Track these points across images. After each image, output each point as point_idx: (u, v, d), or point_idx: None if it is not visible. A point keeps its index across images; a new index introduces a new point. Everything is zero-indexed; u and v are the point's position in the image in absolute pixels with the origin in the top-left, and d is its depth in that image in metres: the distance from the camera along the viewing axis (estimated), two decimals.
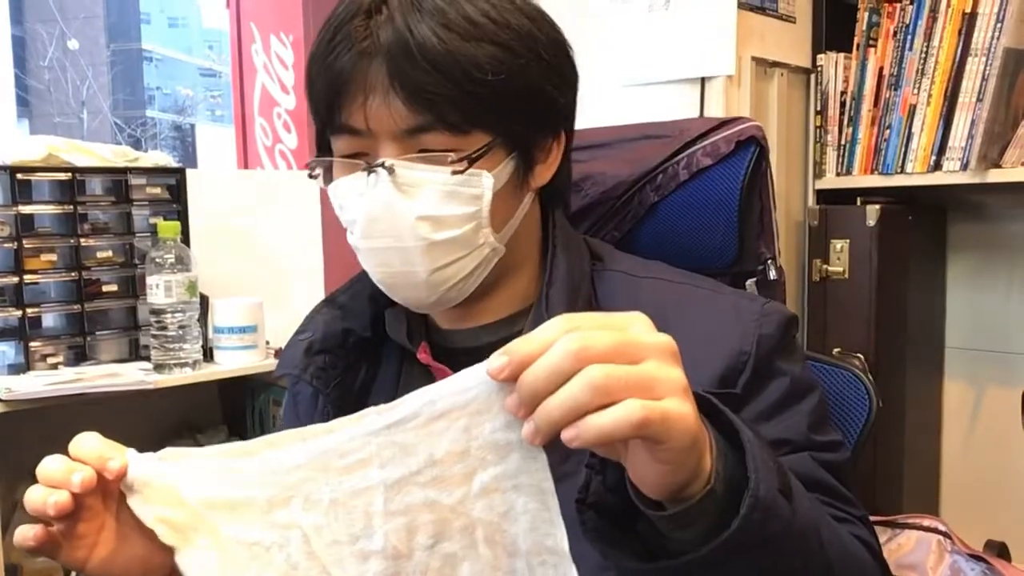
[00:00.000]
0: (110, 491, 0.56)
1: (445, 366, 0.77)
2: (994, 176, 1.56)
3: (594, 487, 0.54)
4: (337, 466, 0.52)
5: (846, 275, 1.70)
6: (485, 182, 0.70)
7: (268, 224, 1.90)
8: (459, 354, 0.77)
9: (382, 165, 0.68)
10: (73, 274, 1.50)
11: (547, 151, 0.76)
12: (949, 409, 1.92)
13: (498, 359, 0.46)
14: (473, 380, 0.48)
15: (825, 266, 1.73)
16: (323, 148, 0.76)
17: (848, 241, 1.71)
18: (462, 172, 0.69)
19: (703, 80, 1.67)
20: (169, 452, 0.55)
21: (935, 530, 1.28)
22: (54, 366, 1.49)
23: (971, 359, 1.88)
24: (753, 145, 0.94)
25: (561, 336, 0.45)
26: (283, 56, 2.56)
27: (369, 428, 0.51)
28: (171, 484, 0.55)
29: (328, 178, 0.75)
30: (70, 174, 1.49)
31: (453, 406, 0.49)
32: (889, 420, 1.75)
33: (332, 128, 0.72)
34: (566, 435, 0.44)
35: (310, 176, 0.76)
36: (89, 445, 0.54)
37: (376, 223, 0.70)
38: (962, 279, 1.89)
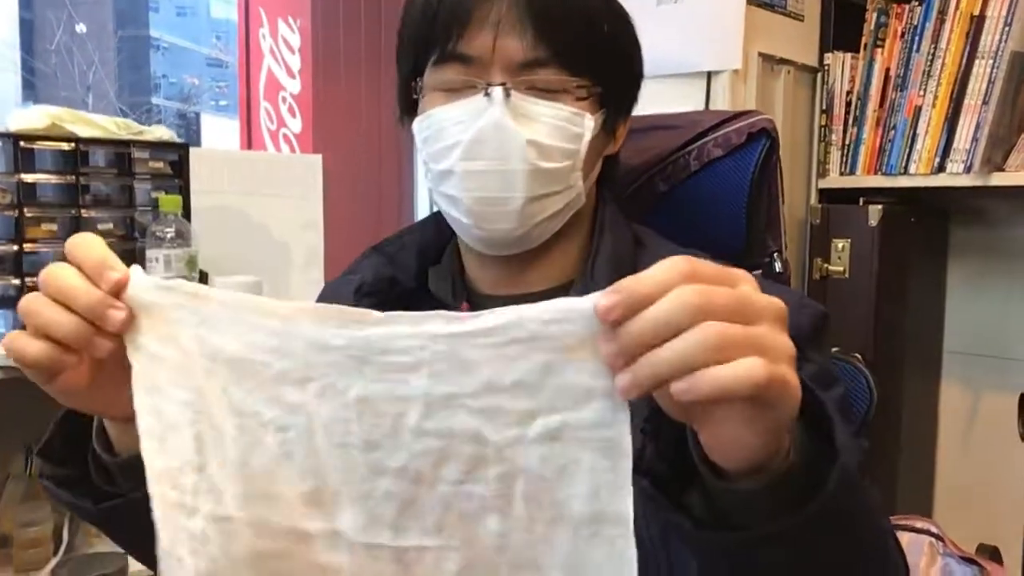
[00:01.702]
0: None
1: None
2: (997, 180, 1.56)
3: (648, 454, 0.52)
4: (378, 361, 0.44)
5: (847, 274, 1.70)
6: (587, 123, 0.73)
7: (270, 206, 1.90)
8: None
9: (503, 85, 0.70)
10: None
11: (623, 121, 0.81)
12: (945, 412, 1.92)
13: (609, 295, 0.42)
14: (570, 312, 0.42)
15: (826, 265, 1.73)
16: (409, 86, 0.77)
17: (849, 241, 1.70)
18: (581, 101, 0.73)
19: (709, 74, 1.67)
20: (182, 284, 0.48)
21: (928, 532, 1.28)
22: None
23: (968, 363, 1.88)
24: (764, 138, 0.94)
25: (681, 282, 0.42)
26: (290, 40, 2.56)
27: (431, 331, 0.43)
28: (172, 318, 0.48)
29: (408, 116, 0.78)
30: (73, 144, 1.48)
31: (538, 334, 0.42)
32: (885, 421, 1.75)
33: (442, 56, 0.73)
34: (677, 387, 0.41)
35: (401, 103, 0.78)
36: (91, 249, 0.50)
37: (484, 144, 0.71)
38: (962, 283, 1.89)
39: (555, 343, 0.42)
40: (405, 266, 0.83)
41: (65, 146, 1.48)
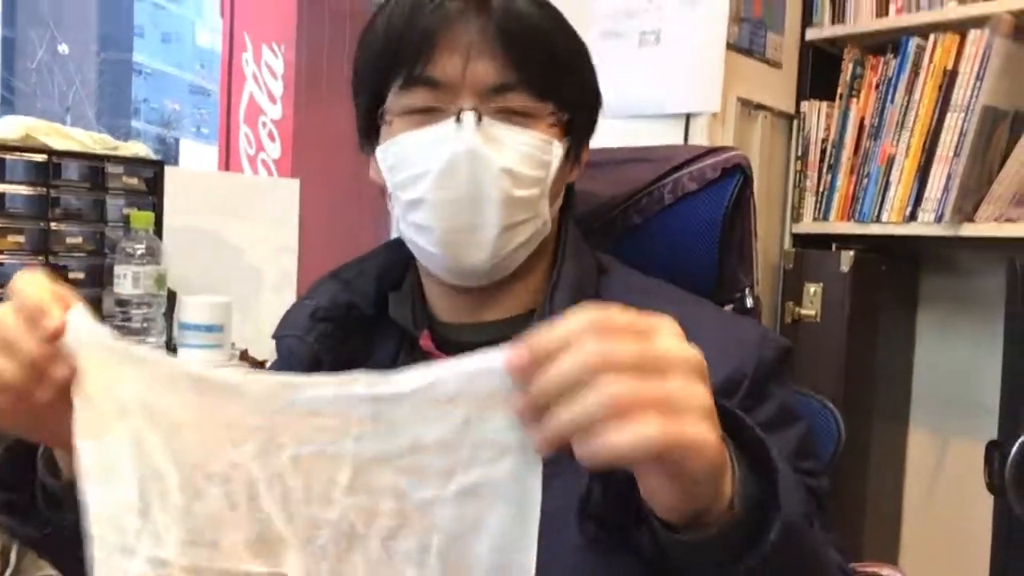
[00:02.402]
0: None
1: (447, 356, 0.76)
2: (967, 230, 1.59)
3: (595, 496, 0.51)
4: (309, 424, 0.46)
5: (818, 319, 1.72)
6: (555, 151, 0.73)
7: (245, 228, 1.88)
8: (459, 348, 0.76)
9: (475, 110, 0.69)
10: (40, 258, 1.47)
11: (584, 150, 0.80)
12: (913, 459, 1.93)
13: (516, 351, 0.42)
14: (483, 368, 0.43)
15: (798, 309, 1.74)
16: (371, 112, 0.75)
17: (821, 285, 1.72)
18: (550, 125, 0.72)
19: (688, 116, 1.69)
20: (117, 340, 0.50)
21: None
22: None
23: (937, 410, 1.89)
24: (738, 173, 0.94)
25: (586, 336, 0.41)
26: (273, 66, 2.56)
27: (356, 394, 0.45)
28: (110, 369, 0.49)
29: (370, 144, 0.76)
30: (46, 156, 1.47)
31: (456, 393, 0.44)
32: (852, 466, 1.75)
33: (408, 80, 0.71)
34: (579, 452, 0.41)
35: (363, 131, 0.77)
36: (30, 292, 0.50)
37: (456, 171, 0.69)
38: (931, 331, 1.91)
39: (473, 399, 0.44)
40: (363, 292, 0.81)
41: (38, 158, 1.47)
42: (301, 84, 2.49)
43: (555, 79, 0.73)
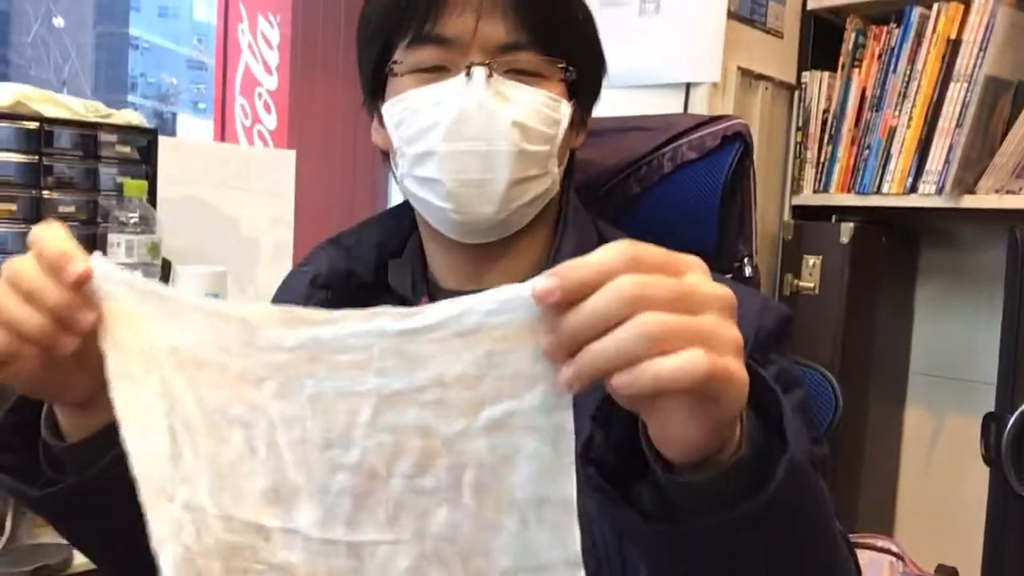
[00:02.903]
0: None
1: None
2: (968, 202, 1.58)
3: (597, 442, 0.51)
4: (329, 360, 0.45)
5: (817, 291, 1.71)
6: (563, 109, 0.73)
7: (240, 199, 1.87)
8: None
9: (486, 64, 0.69)
10: (32, 226, 1.46)
11: (588, 115, 0.81)
12: (909, 432, 1.93)
13: (546, 280, 0.41)
14: (510, 300, 0.42)
15: (797, 281, 1.73)
16: (378, 69, 0.75)
17: (821, 257, 1.71)
18: (559, 82, 0.73)
19: (688, 86, 1.67)
20: (140, 280, 0.48)
21: (888, 551, 1.28)
22: None
23: (933, 384, 1.89)
24: (738, 141, 0.94)
25: (620, 270, 0.41)
26: (269, 36, 2.54)
27: (378, 329, 0.44)
28: (135, 311, 0.48)
29: (374, 101, 0.76)
30: (38, 124, 1.45)
31: (481, 325, 0.42)
32: (849, 439, 1.75)
33: (417, 37, 0.71)
34: (618, 381, 0.40)
35: (368, 88, 0.77)
36: (51, 241, 0.49)
37: (467, 124, 0.70)
38: (929, 305, 1.90)
39: (497, 332, 0.43)
40: (363, 259, 0.81)
41: (30, 125, 1.45)
42: (297, 55, 2.47)
43: (564, 39, 0.73)
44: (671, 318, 0.40)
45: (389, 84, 0.75)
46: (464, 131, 0.70)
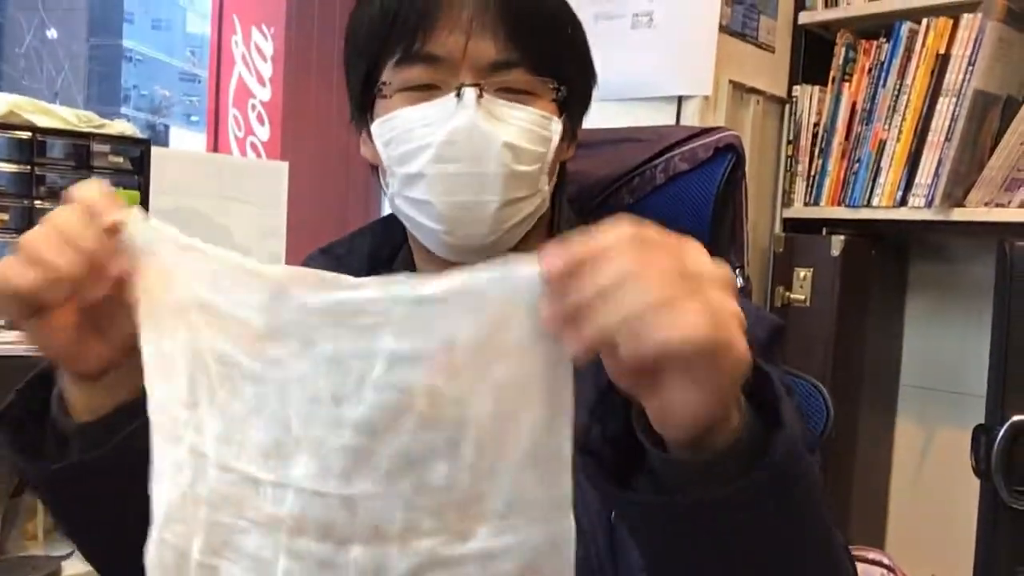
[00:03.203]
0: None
1: None
2: (957, 215, 1.59)
3: (594, 434, 0.52)
4: (349, 323, 0.47)
5: (807, 303, 1.72)
6: (554, 127, 0.73)
7: (232, 210, 1.86)
8: None
9: (477, 85, 0.69)
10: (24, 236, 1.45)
11: (578, 127, 0.80)
12: (900, 444, 1.93)
13: (553, 256, 0.43)
14: (515, 271, 0.45)
15: (788, 293, 1.74)
16: (367, 87, 0.74)
17: (811, 270, 1.72)
18: (550, 101, 0.72)
19: (680, 99, 1.68)
20: (177, 235, 0.51)
21: (879, 563, 1.28)
22: None
23: (924, 397, 1.89)
24: (730, 153, 0.94)
25: (624, 246, 0.42)
26: (263, 48, 2.54)
27: (396, 295, 0.46)
28: (167, 265, 0.50)
29: (363, 119, 0.76)
30: (30, 133, 1.45)
31: (488, 292, 0.45)
32: (840, 451, 1.75)
33: (406, 56, 0.71)
34: (624, 349, 0.41)
35: (356, 106, 0.76)
36: (91, 190, 0.52)
37: (457, 146, 0.69)
38: (919, 317, 1.91)
39: (502, 299, 0.45)
40: (354, 269, 0.81)
41: (22, 135, 1.45)
42: (291, 66, 2.47)
43: (555, 56, 0.73)
44: (674, 288, 0.41)
45: (378, 102, 0.74)
46: (454, 153, 0.69)
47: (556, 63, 0.73)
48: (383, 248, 0.83)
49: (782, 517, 0.48)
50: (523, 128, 0.70)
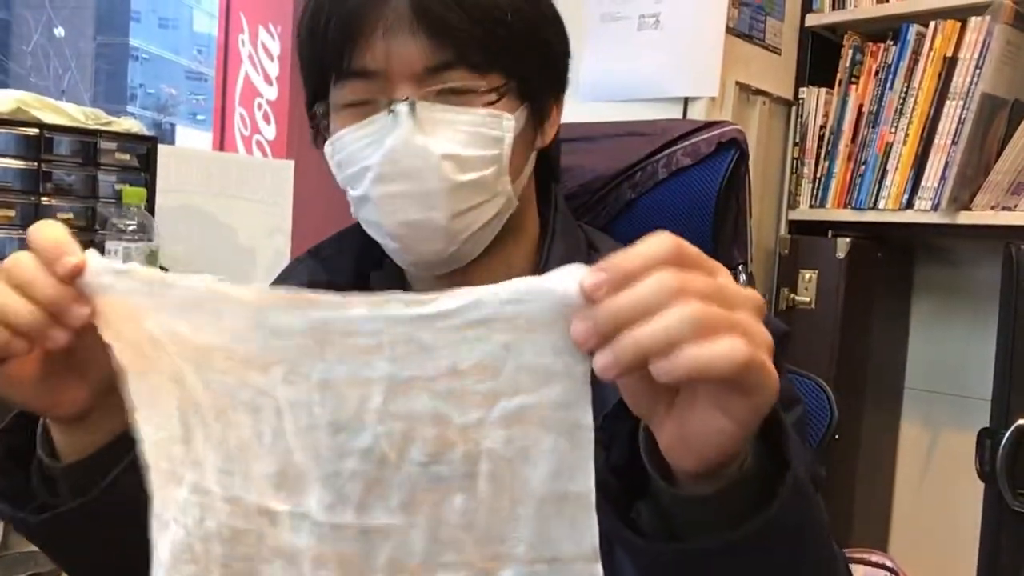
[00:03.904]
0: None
1: None
2: (964, 218, 1.58)
3: (599, 462, 0.50)
4: (340, 345, 0.44)
5: (813, 305, 1.71)
6: (506, 124, 0.68)
7: (238, 208, 1.87)
8: None
9: (406, 100, 0.65)
10: None
11: (551, 109, 0.75)
12: (904, 447, 1.93)
13: (595, 275, 0.41)
14: (528, 292, 0.42)
15: (793, 295, 1.73)
16: (316, 108, 0.73)
17: (817, 272, 1.72)
18: (495, 102, 0.67)
19: (686, 100, 1.68)
20: (138, 270, 0.48)
21: (882, 566, 1.28)
22: None
23: (929, 400, 1.89)
24: (734, 148, 0.93)
25: (663, 263, 0.41)
26: (270, 47, 2.54)
27: (390, 314, 0.43)
28: (133, 304, 0.47)
29: (320, 138, 0.73)
30: (38, 130, 1.45)
31: (498, 316, 0.42)
32: (844, 454, 1.75)
33: (339, 74, 0.68)
34: (658, 367, 0.40)
35: (313, 126, 0.73)
36: (48, 234, 0.49)
37: (395, 165, 0.66)
38: (925, 320, 1.91)
39: (514, 323, 0.42)
40: (342, 270, 0.79)
41: (29, 131, 1.45)
42: (297, 65, 2.48)
43: (495, 47, 0.67)
44: (713, 308, 0.41)
45: (328, 122, 0.72)
46: (393, 173, 0.66)
47: (499, 54, 0.68)
48: (372, 248, 0.80)
49: (788, 554, 0.48)
50: (467, 133, 0.67)
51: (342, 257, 0.80)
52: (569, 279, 0.42)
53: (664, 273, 0.41)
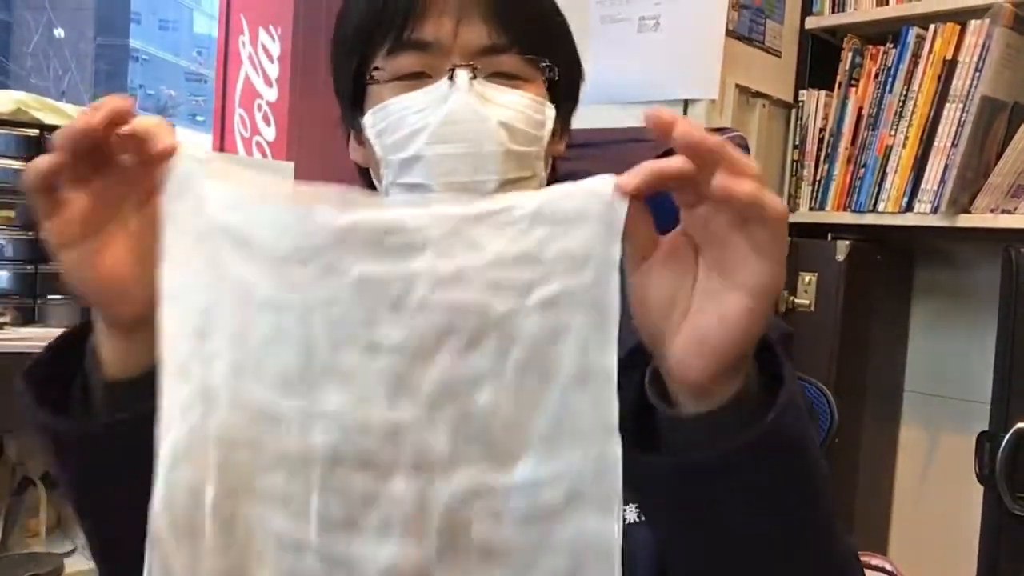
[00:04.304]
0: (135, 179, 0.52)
1: None
2: (963, 221, 1.59)
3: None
4: (385, 241, 0.45)
5: (812, 308, 1.71)
6: (548, 112, 0.72)
7: None
8: None
9: (470, 66, 0.69)
10: (31, 233, 1.46)
11: (568, 123, 0.80)
12: (904, 450, 1.93)
13: (628, 174, 0.47)
14: (567, 192, 0.46)
15: (792, 298, 1.73)
16: (358, 78, 0.74)
17: (816, 275, 1.72)
18: (547, 82, 0.73)
19: (686, 103, 1.68)
20: (220, 158, 0.49)
21: (882, 569, 1.27)
22: (0, 325, 1.44)
23: (928, 403, 1.89)
24: None
25: (721, 144, 0.47)
26: (270, 48, 2.54)
27: (438, 213, 0.45)
28: (203, 187, 0.49)
29: (353, 113, 0.75)
30: (38, 131, 1.45)
31: (539, 212, 0.46)
32: (844, 456, 1.75)
33: (397, 43, 0.71)
34: (722, 183, 0.45)
35: (344, 101, 0.76)
36: (149, 119, 0.51)
37: (454, 127, 0.68)
38: (924, 323, 1.91)
39: (554, 219, 0.46)
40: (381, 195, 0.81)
41: (29, 132, 1.45)
42: (297, 67, 2.47)
43: (544, 40, 0.73)
44: (741, 161, 0.47)
45: (369, 94, 0.73)
46: (451, 134, 0.69)
47: (547, 48, 0.73)
48: None
49: (784, 483, 0.49)
50: (517, 110, 0.70)
51: None
52: (606, 180, 0.47)
53: (723, 146, 0.47)
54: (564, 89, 0.76)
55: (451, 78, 0.69)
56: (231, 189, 0.49)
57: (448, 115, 0.68)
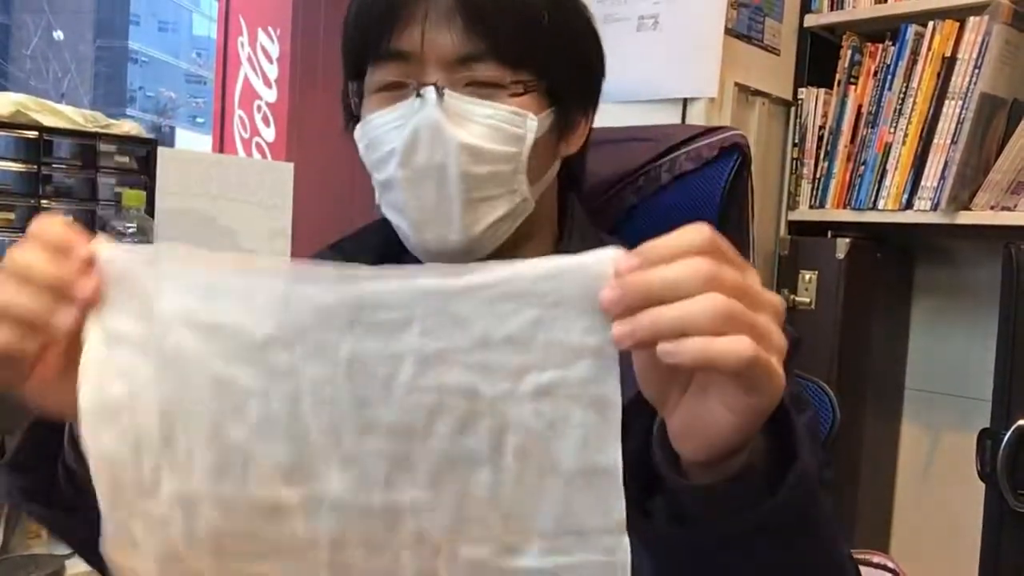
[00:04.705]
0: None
1: None
2: (963, 218, 1.58)
3: None
4: (369, 319, 0.43)
5: (813, 306, 1.71)
6: (529, 124, 0.69)
7: (238, 211, 1.87)
8: None
9: (435, 85, 0.67)
10: None
11: (579, 120, 0.77)
12: (905, 448, 1.93)
13: (631, 256, 0.43)
14: (564, 270, 0.43)
15: (793, 296, 1.73)
16: (347, 91, 0.74)
17: (816, 273, 1.72)
18: (520, 94, 0.69)
19: (685, 101, 1.68)
20: (159, 250, 0.46)
21: (884, 567, 1.27)
22: None
23: (929, 400, 1.89)
24: (736, 153, 0.94)
25: (699, 252, 0.43)
26: (269, 50, 2.55)
27: (422, 288, 0.43)
28: (146, 289, 0.45)
29: (353, 122, 0.74)
30: (37, 133, 1.45)
31: (531, 291, 0.43)
32: (845, 455, 1.75)
33: (378, 56, 0.69)
34: (664, 348, 0.41)
35: (346, 110, 0.75)
36: (54, 226, 0.47)
37: (418, 147, 0.67)
38: (925, 320, 1.91)
39: (546, 300, 0.43)
40: (364, 263, 0.80)
41: (29, 134, 1.45)
42: (296, 68, 2.48)
43: (530, 45, 0.69)
44: (737, 304, 0.42)
45: (362, 104, 0.73)
46: (416, 156, 0.67)
47: (532, 53, 0.69)
48: (393, 244, 0.82)
49: (793, 552, 0.49)
50: (488, 126, 0.68)
51: (363, 250, 0.81)
52: (604, 259, 0.43)
53: (697, 261, 0.42)
54: (572, 88, 0.74)
55: (419, 95, 0.67)
56: (190, 277, 0.45)
57: (411, 136, 0.67)
